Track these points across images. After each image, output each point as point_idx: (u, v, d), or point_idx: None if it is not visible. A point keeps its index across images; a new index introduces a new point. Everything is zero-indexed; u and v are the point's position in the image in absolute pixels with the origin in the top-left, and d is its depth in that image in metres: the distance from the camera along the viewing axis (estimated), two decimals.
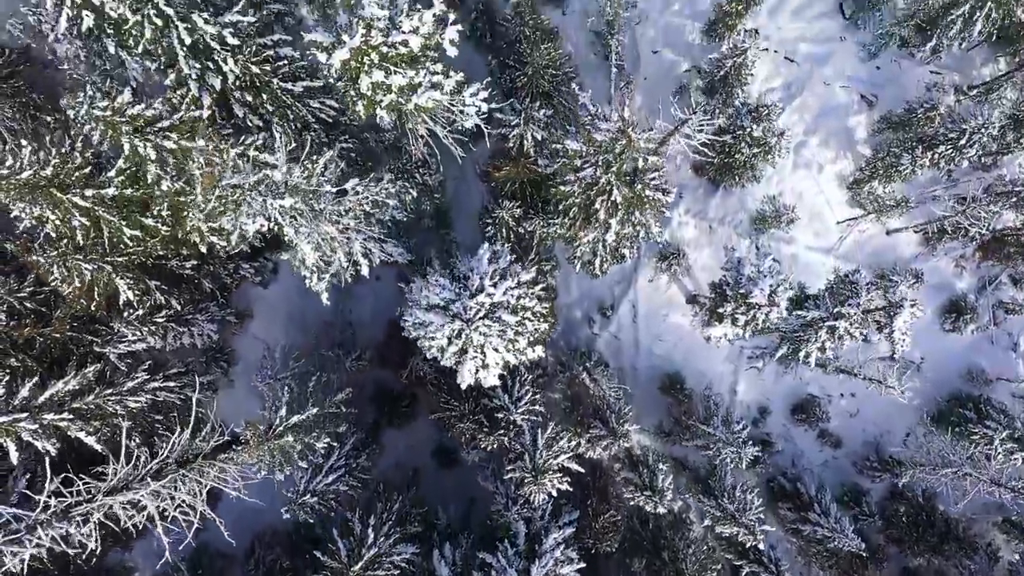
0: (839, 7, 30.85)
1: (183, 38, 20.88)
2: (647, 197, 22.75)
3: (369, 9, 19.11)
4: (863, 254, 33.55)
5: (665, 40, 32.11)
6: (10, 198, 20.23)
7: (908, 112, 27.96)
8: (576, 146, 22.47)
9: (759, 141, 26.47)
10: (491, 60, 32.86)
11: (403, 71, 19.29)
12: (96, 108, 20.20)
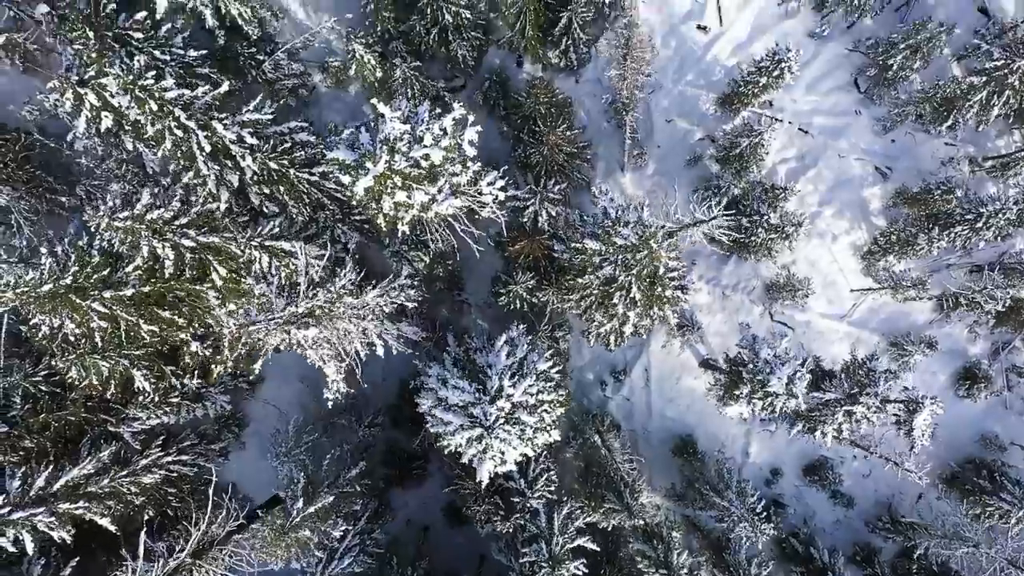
0: (854, 82, 30.78)
1: (203, 146, 20.83)
2: (667, 297, 22.69)
3: (391, 123, 19.14)
4: (876, 320, 33.48)
5: (679, 109, 32.05)
6: (31, 310, 20.20)
7: (925, 192, 27.89)
8: (595, 246, 22.40)
9: (776, 228, 26.42)
10: (504, 128, 32.82)
11: (425, 187, 19.25)
12: (117, 220, 20.15)
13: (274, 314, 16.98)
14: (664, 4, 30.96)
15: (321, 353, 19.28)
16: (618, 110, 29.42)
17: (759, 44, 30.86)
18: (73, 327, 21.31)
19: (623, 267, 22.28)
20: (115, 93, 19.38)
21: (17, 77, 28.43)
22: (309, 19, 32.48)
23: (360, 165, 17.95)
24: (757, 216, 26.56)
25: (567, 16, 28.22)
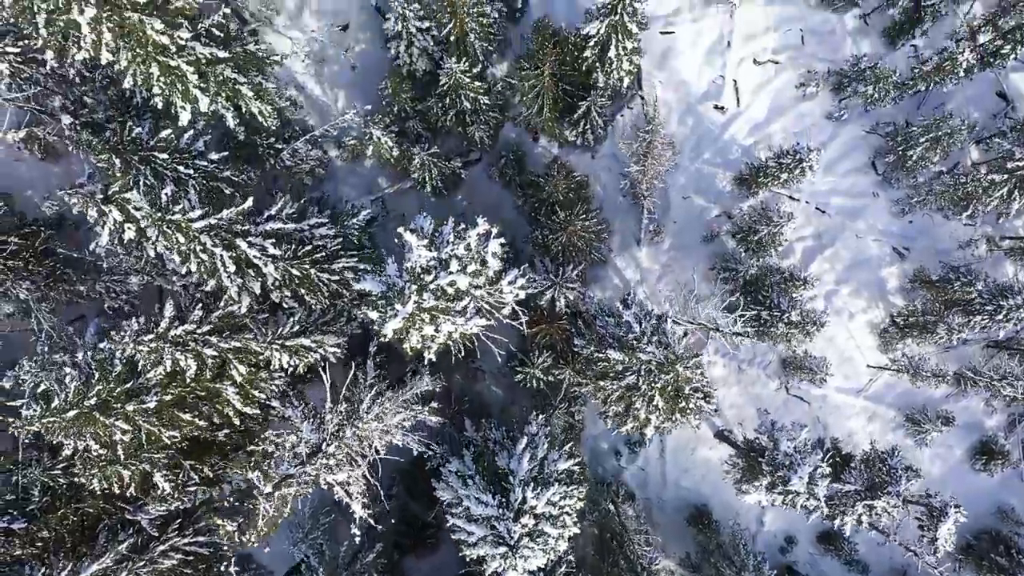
0: (872, 164, 30.71)
1: (227, 265, 20.80)
2: (691, 408, 22.63)
3: (417, 252, 19.12)
4: (892, 395, 33.39)
5: (696, 186, 32.00)
6: (56, 435, 20.18)
7: (944, 280, 27.81)
8: (619, 357, 22.33)
9: (797, 324, 26.38)
10: (520, 201, 32.77)
11: (452, 317, 19.20)
12: (142, 344, 20.13)
13: (306, 466, 16.84)
14: (682, 85, 30.91)
15: (349, 490, 19.18)
16: (636, 194, 29.39)
17: (776, 125, 30.83)
18: (96, 446, 21.25)
19: (646, 378, 22.21)
20: (141, 219, 19.37)
21: (36, 164, 28.45)
22: (325, 95, 32.50)
23: (389, 305, 17.92)
24: (778, 312, 26.47)
25: (587, 105, 28.18)
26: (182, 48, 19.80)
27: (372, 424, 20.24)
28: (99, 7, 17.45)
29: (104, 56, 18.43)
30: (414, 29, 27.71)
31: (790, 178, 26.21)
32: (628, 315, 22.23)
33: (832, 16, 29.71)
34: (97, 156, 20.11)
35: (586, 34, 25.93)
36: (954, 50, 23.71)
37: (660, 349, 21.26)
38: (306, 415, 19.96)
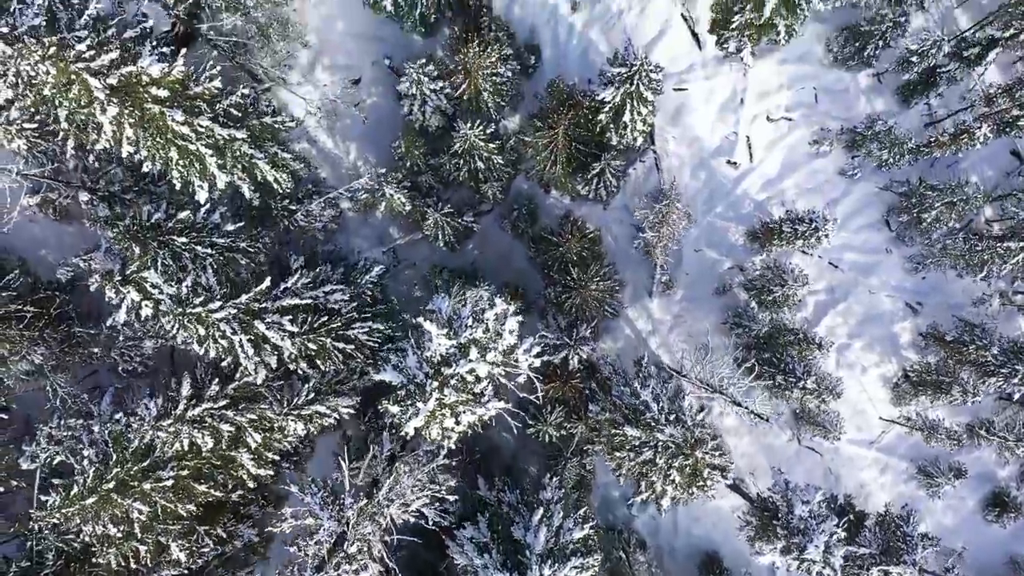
0: (885, 222, 30.68)
1: (245, 347, 20.79)
2: (708, 483, 22.59)
3: (437, 341, 19.12)
4: (904, 446, 33.34)
5: (708, 240, 31.98)
6: (75, 522, 20.17)
7: (959, 342, 27.77)
8: (635, 433, 22.30)
9: (813, 391, 26.36)
10: (533, 253, 32.72)
11: (472, 408, 19.19)
12: (162, 429, 20.14)
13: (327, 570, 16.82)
14: (695, 140, 30.90)
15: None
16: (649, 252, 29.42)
17: (790, 181, 30.82)
18: (114, 528, 21.24)
19: (663, 454, 22.19)
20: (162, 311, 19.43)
21: (49, 225, 28.45)
22: (337, 148, 32.51)
23: (410, 401, 17.90)
24: (793, 378, 26.45)
25: (600, 167, 28.19)
26: (201, 134, 19.79)
27: (391, 507, 20.22)
28: (121, 105, 17.45)
29: (125, 149, 18.42)
30: (428, 91, 27.71)
31: (805, 244, 26.18)
32: (646, 394, 22.18)
33: (846, 75, 29.70)
34: (116, 243, 20.09)
35: (601, 99, 25.92)
36: (971, 124, 23.70)
37: (679, 429, 21.24)
38: (324, 502, 19.94)
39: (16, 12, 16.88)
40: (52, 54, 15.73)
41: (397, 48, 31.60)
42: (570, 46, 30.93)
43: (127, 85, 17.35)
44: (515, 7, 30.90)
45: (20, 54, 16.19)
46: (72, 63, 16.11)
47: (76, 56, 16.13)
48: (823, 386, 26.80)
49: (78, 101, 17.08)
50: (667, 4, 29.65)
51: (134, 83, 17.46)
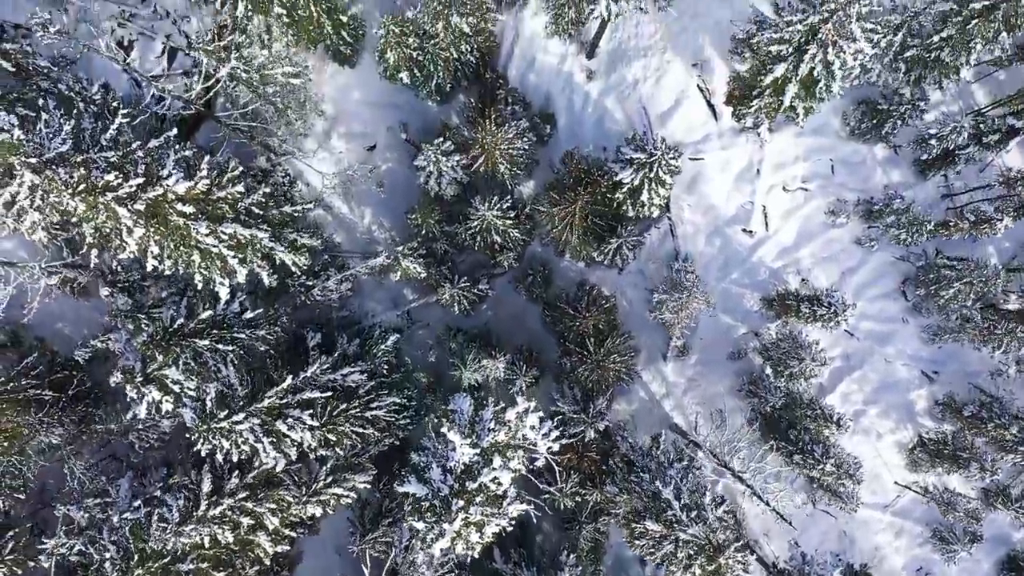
0: (902, 292, 30.61)
1: (267, 448, 20.78)
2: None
3: (460, 450, 19.10)
4: (919, 511, 33.22)
5: (723, 305, 31.91)
6: None
7: (977, 419, 27.69)
8: (657, 528, 22.25)
9: (832, 475, 26.30)
10: (548, 318, 32.68)
11: (495, 516, 19.15)
12: (183, 535, 20.10)
13: None
14: (710, 209, 30.85)
15: None
16: (665, 325, 29.39)
17: (806, 250, 30.75)
18: None
19: (684, 548, 22.14)
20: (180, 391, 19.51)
21: (65, 299, 28.43)
22: (352, 213, 32.49)
23: (435, 521, 17.86)
24: (812, 460, 26.40)
25: (617, 243, 28.16)
26: (224, 239, 19.78)
27: None
28: (147, 225, 17.45)
29: (150, 263, 18.43)
30: (444, 167, 27.69)
31: (823, 325, 26.16)
32: (667, 492, 22.12)
33: (862, 147, 29.62)
34: (140, 349, 20.09)
35: (619, 180, 25.88)
36: (992, 215, 23.65)
37: (701, 527, 21.19)
38: None
39: (43, 136, 16.90)
40: (81, 190, 15.71)
41: (412, 114, 31.60)
42: (585, 114, 30.90)
43: (154, 206, 17.35)
44: (530, 75, 30.87)
45: (47, 184, 16.20)
46: (99, 194, 16.10)
47: (104, 187, 16.13)
48: (842, 470, 26.73)
49: (104, 224, 17.08)
50: (683, 75, 29.59)
51: (160, 203, 17.47)
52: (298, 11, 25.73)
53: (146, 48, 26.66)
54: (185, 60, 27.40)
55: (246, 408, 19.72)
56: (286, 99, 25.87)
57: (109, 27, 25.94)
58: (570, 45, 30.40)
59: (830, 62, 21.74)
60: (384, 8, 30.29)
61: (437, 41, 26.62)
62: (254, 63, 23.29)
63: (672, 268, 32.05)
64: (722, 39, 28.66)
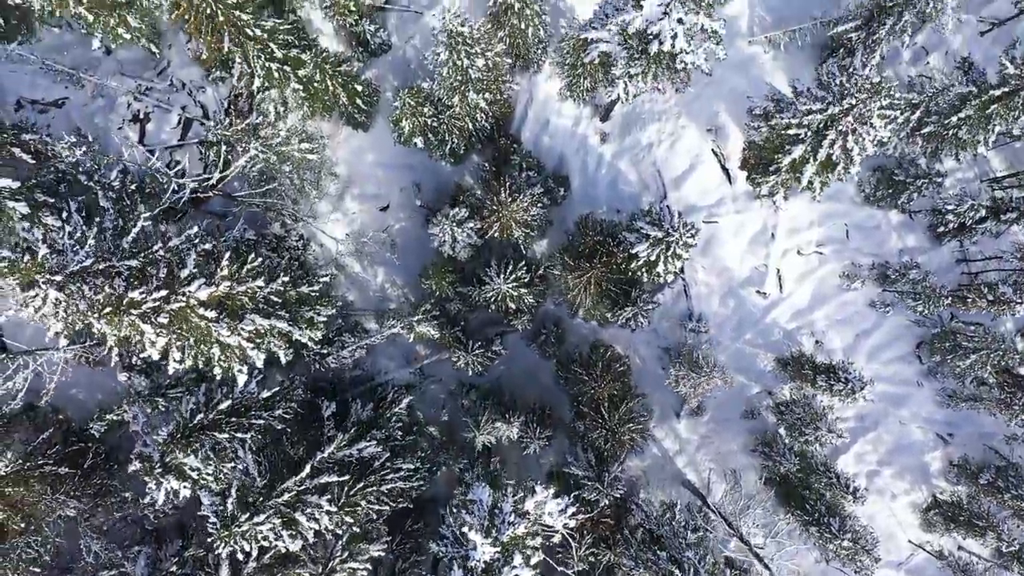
0: (917, 356, 30.52)
1: (287, 541, 20.75)
2: None
3: (481, 550, 19.11)
4: (933, 569, 33.08)
5: (736, 365, 31.82)
6: None
7: (994, 487, 27.59)
8: None
9: (849, 550, 26.24)
10: (562, 378, 32.63)
11: None
12: None
13: None
14: (724, 270, 30.79)
15: None
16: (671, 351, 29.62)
17: (820, 312, 30.68)
18: None
19: None
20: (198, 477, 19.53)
21: (80, 367, 28.42)
22: (365, 272, 32.48)
23: None
24: (828, 533, 26.33)
25: (632, 311, 28.11)
26: (244, 334, 19.77)
27: None
28: (170, 333, 17.45)
29: (172, 365, 18.42)
30: (459, 235, 27.66)
31: (840, 400, 26.12)
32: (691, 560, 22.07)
33: (877, 212, 29.54)
34: (155, 438, 20.07)
35: (635, 253, 25.81)
36: (1010, 296, 23.59)
37: None
38: None
39: (66, 250, 16.91)
40: (106, 312, 15.71)
41: (426, 174, 31.60)
42: (599, 175, 30.88)
43: (177, 314, 17.35)
44: (544, 137, 30.86)
45: (70, 302, 16.21)
46: (124, 313, 16.10)
47: (128, 305, 16.13)
48: (859, 545, 26.64)
49: (127, 334, 17.07)
50: (698, 139, 29.56)
51: (183, 310, 17.46)
52: (314, 84, 25.78)
53: (162, 120, 26.69)
54: (200, 129, 27.41)
55: (265, 503, 19.67)
56: (301, 172, 25.87)
57: (125, 101, 25.95)
58: (584, 108, 30.38)
59: (849, 149, 21.70)
60: (397, 71, 30.34)
61: (452, 112, 26.62)
62: (271, 144, 23.29)
63: (685, 328, 32.13)
64: (736, 106, 28.63)
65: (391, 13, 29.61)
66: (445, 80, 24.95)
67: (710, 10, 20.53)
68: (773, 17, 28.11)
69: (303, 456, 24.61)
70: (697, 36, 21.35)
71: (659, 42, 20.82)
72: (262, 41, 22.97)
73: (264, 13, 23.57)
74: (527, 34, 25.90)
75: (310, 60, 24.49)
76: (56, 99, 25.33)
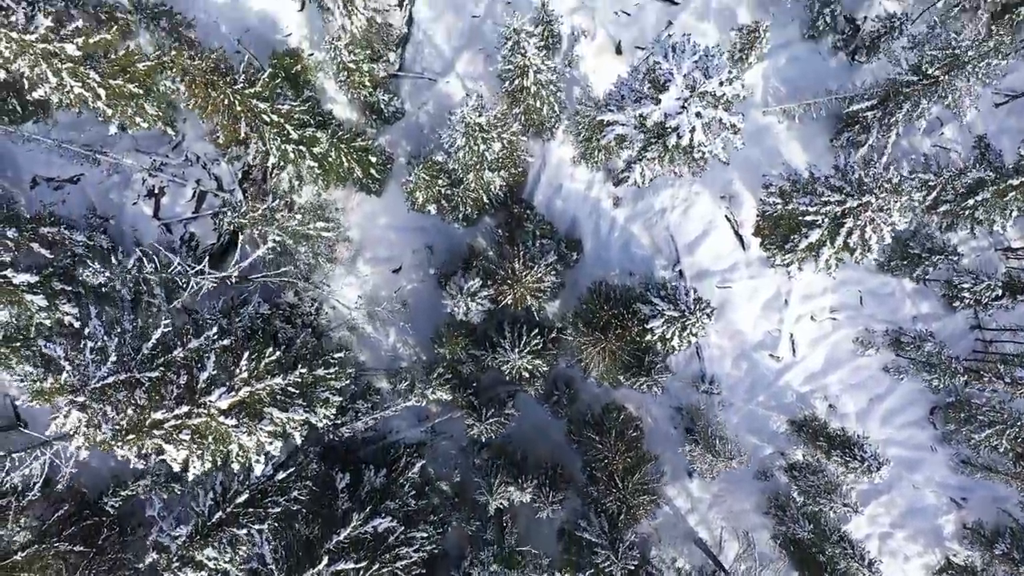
0: (931, 422, 30.45)
1: None
2: None
3: None
4: None
5: (749, 426, 31.79)
6: None
7: (1010, 558, 27.49)
8: None
9: None
10: (574, 441, 32.57)
11: None
12: None
13: None
14: (737, 334, 30.75)
15: None
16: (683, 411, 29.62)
17: (833, 377, 30.62)
18: None
19: None
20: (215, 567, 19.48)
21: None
22: (377, 332, 32.43)
23: None
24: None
25: (646, 381, 28.06)
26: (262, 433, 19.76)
27: None
28: (191, 445, 17.42)
29: (192, 474, 18.39)
30: (472, 305, 27.63)
31: (856, 478, 26.07)
32: None
33: (891, 280, 29.49)
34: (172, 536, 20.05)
35: (650, 328, 25.77)
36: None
37: None
38: None
39: (90, 365, 16.91)
40: (130, 440, 15.70)
41: (439, 235, 31.58)
42: (612, 238, 30.84)
43: (199, 428, 17.34)
44: (557, 200, 30.83)
45: (92, 423, 16.20)
46: (147, 435, 16.09)
47: (151, 426, 16.12)
48: None
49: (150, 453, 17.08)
50: (711, 206, 29.52)
51: (206, 423, 17.46)
52: (329, 160, 25.77)
53: (177, 193, 26.69)
54: (214, 200, 27.41)
55: None
56: (316, 247, 25.87)
57: (141, 178, 25.97)
58: (597, 172, 30.34)
59: (867, 238, 21.65)
60: (410, 136, 30.32)
61: (467, 185, 26.61)
62: (287, 228, 23.29)
63: (698, 389, 32.06)
64: (750, 175, 28.59)
65: (404, 80, 29.59)
66: (460, 160, 24.93)
67: (729, 105, 20.49)
68: (788, 88, 28.07)
69: (319, 535, 24.66)
70: (715, 127, 21.32)
71: (677, 136, 20.78)
72: (278, 125, 23.01)
73: (279, 93, 23.56)
74: (543, 111, 25.87)
75: (326, 139, 24.50)
76: (71, 176, 25.35)
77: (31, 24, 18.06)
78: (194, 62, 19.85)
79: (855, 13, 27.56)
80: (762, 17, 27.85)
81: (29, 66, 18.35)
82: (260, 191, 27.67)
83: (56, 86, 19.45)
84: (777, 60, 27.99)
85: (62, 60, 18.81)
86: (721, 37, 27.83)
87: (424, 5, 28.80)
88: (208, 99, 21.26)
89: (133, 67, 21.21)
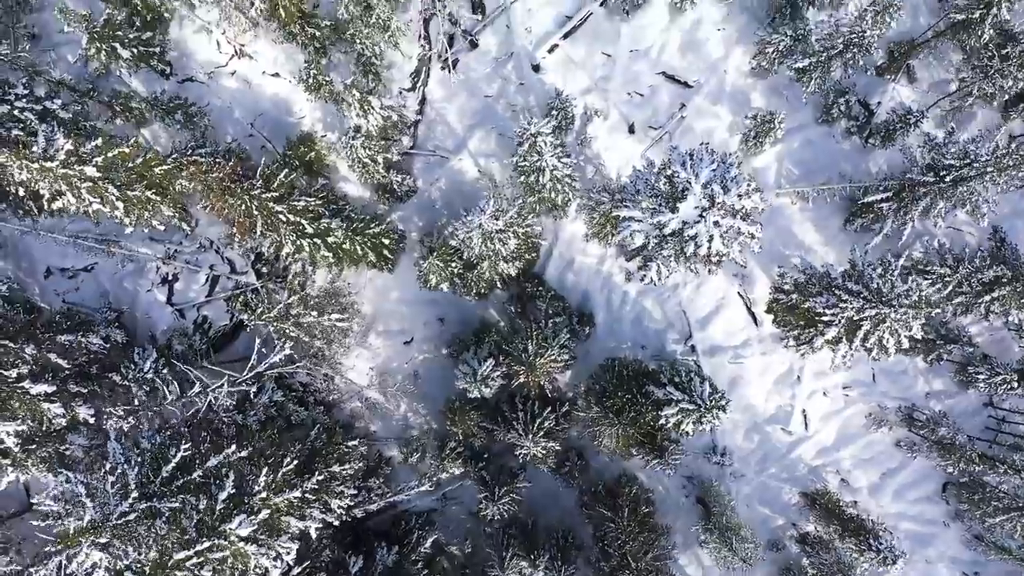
0: (944, 498, 30.41)
1: None
2: None
3: None
4: None
5: (761, 497, 31.76)
6: None
7: None
8: None
9: None
10: (584, 513, 32.50)
11: None
12: None
13: None
14: (749, 408, 30.73)
15: None
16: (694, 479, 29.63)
17: (845, 452, 30.60)
18: None
19: None
20: None
21: None
22: (388, 402, 32.34)
23: None
24: None
25: (659, 464, 28.02)
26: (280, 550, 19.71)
27: None
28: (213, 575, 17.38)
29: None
30: (485, 388, 27.59)
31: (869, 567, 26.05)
32: None
33: (905, 358, 29.49)
34: None
35: (664, 416, 25.74)
36: None
37: None
38: None
39: (108, 496, 16.88)
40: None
41: (450, 308, 31.56)
42: (624, 311, 30.82)
43: (222, 561, 17.30)
44: (569, 274, 30.81)
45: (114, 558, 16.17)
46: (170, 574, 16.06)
47: (173, 567, 16.09)
48: None
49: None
50: (724, 283, 29.52)
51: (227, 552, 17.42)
52: (343, 248, 25.76)
53: (190, 279, 26.67)
54: (227, 283, 27.38)
55: None
56: (330, 335, 25.84)
57: (155, 266, 25.95)
58: (609, 247, 30.33)
59: (884, 341, 21.65)
60: (423, 213, 30.31)
61: (480, 272, 26.61)
62: (303, 323, 23.27)
63: (710, 460, 32.03)
64: (763, 255, 28.57)
65: (417, 158, 29.59)
66: (475, 250, 24.91)
67: (747, 216, 20.47)
68: (801, 170, 28.09)
69: None
70: (732, 234, 21.31)
71: (695, 244, 20.76)
72: (295, 223, 23.01)
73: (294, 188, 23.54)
74: (556, 200, 25.87)
75: (340, 231, 24.47)
76: (86, 265, 25.34)
77: (51, 148, 18.07)
78: (212, 174, 19.87)
79: (869, 98, 27.61)
80: (775, 101, 27.89)
81: (49, 190, 18.35)
82: (273, 271, 27.64)
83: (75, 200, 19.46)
84: (791, 143, 28.03)
85: (81, 179, 18.82)
86: (735, 120, 27.85)
87: (437, 85, 28.81)
88: (226, 204, 21.28)
89: (151, 172, 21.22)
